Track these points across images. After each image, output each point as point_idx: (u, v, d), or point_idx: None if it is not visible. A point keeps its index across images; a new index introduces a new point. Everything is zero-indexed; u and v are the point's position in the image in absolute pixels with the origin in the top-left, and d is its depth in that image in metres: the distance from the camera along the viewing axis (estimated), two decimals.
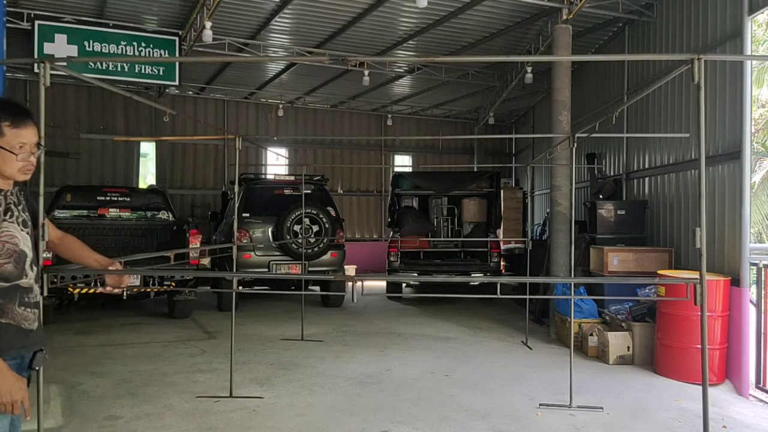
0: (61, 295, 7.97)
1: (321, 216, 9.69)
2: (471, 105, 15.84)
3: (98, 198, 9.45)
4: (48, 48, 9.24)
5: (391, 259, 10.82)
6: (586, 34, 10.10)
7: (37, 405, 2.80)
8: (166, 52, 10.03)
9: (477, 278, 10.66)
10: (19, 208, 2.35)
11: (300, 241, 9.40)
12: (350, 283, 3.21)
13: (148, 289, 8.26)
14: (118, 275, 2.67)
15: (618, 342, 6.77)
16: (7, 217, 2.26)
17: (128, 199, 9.69)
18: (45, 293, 2.47)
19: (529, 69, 11.31)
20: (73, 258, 2.70)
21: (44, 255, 2.56)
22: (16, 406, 2.14)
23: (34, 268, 2.38)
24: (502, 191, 12.39)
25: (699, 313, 5.80)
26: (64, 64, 4.32)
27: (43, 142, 2.39)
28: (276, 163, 15.34)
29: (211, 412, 4.97)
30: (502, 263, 11.26)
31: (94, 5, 9.48)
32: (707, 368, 3.07)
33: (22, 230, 2.32)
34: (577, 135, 5.72)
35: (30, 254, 2.34)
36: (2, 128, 2.20)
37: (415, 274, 10.69)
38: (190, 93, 14.87)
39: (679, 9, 7.76)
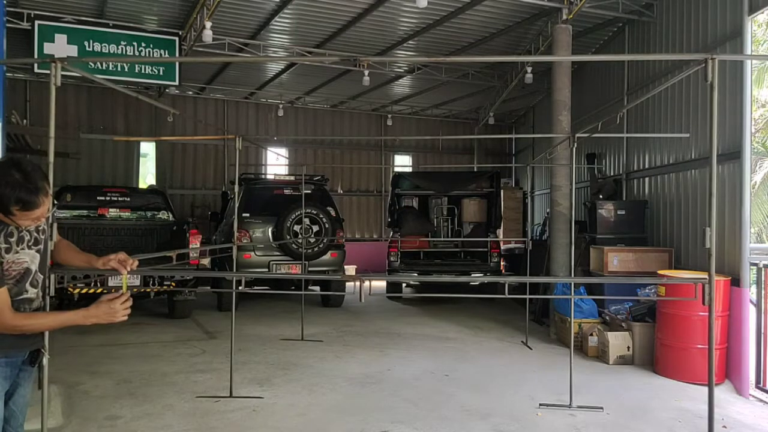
0: (61, 295, 7.96)
1: (321, 216, 9.69)
2: (471, 105, 15.84)
3: (98, 198, 9.44)
4: (48, 48, 9.22)
5: (391, 259, 10.82)
6: (586, 34, 10.10)
7: (41, 404, 2.81)
8: (166, 52, 10.03)
9: (477, 278, 10.65)
10: (32, 229, 2.41)
11: (300, 241, 9.40)
12: (357, 284, 3.19)
13: (148, 289, 8.26)
14: (118, 265, 2.67)
15: (618, 342, 6.77)
16: (20, 247, 2.35)
17: (128, 199, 9.68)
18: (52, 293, 2.50)
19: (529, 69, 11.31)
20: (64, 262, 2.73)
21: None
22: (124, 310, 2.43)
23: (38, 281, 2.45)
24: (502, 191, 12.39)
25: (700, 313, 5.86)
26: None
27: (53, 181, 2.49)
28: (276, 163, 15.34)
29: (211, 412, 4.98)
30: (502, 263, 11.26)
31: (94, 5, 9.48)
32: (714, 368, 3.06)
33: (31, 248, 2.40)
34: (577, 135, 5.72)
35: (33, 269, 2.42)
36: (13, 211, 2.24)
37: (415, 274, 10.69)
38: (190, 93, 14.87)
39: (679, 9, 7.76)
